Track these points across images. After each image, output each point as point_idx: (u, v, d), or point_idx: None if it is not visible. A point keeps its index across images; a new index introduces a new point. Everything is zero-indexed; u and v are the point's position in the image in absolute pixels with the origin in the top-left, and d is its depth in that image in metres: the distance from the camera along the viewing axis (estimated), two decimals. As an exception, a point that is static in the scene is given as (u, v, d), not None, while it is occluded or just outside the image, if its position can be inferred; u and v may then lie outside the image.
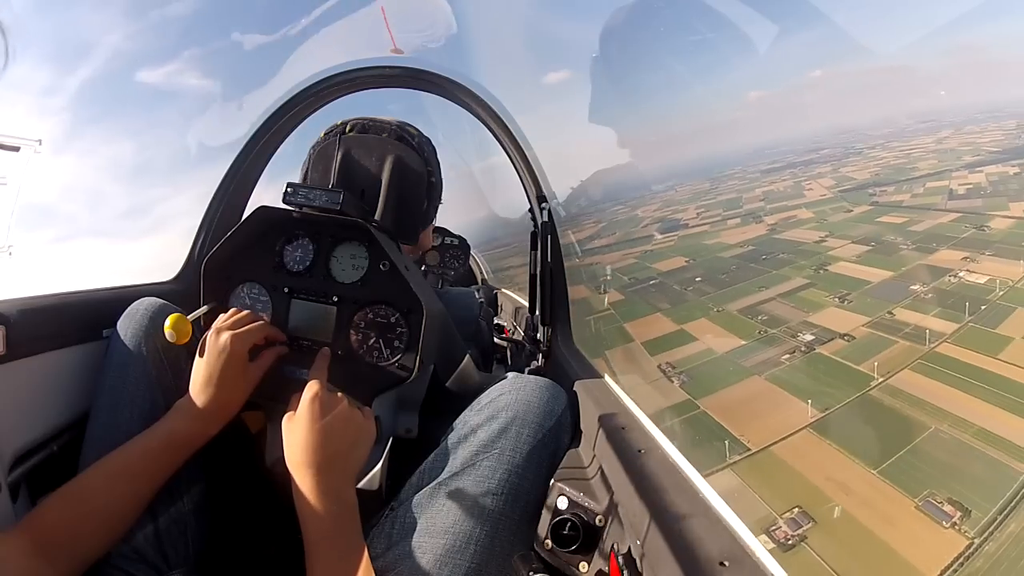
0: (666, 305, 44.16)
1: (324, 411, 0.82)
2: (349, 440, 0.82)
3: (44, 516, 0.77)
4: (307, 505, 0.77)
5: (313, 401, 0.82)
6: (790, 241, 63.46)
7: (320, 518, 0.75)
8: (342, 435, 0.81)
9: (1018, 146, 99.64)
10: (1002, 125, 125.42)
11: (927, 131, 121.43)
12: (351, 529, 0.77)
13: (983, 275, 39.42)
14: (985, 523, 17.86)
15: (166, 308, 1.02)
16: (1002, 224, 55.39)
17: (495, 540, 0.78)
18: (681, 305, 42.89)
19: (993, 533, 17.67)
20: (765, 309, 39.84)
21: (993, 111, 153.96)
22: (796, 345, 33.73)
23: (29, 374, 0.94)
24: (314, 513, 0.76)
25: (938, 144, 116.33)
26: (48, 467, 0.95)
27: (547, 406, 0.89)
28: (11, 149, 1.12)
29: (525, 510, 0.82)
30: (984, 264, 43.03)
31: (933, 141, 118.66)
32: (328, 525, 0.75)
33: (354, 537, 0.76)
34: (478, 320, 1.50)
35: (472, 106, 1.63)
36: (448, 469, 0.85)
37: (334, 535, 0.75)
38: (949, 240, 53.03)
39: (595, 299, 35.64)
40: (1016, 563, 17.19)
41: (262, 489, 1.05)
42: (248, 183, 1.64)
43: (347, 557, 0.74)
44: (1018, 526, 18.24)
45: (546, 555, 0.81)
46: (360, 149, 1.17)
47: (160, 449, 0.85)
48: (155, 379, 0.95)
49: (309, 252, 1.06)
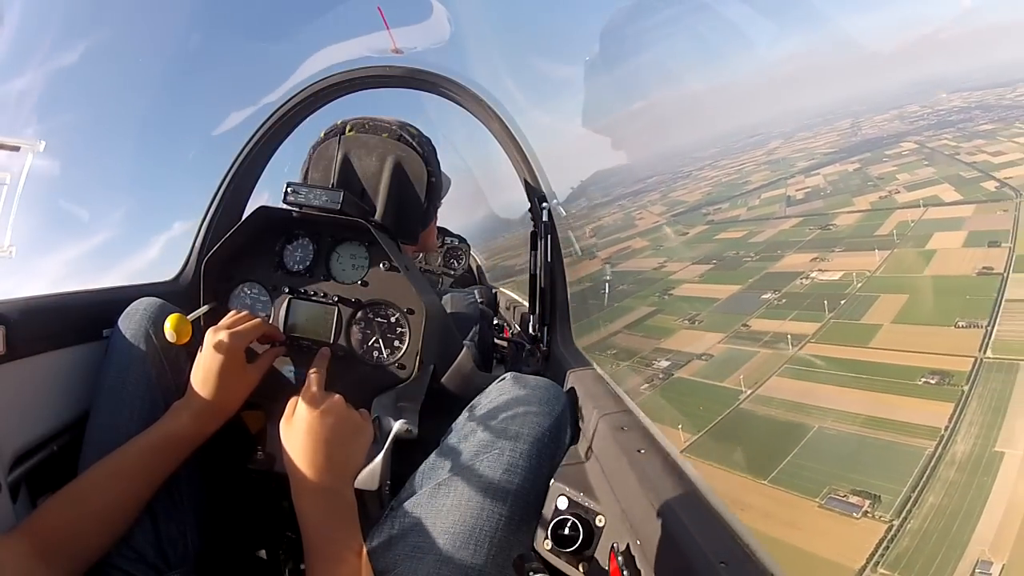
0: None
1: (322, 412, 0.82)
2: (346, 440, 0.83)
3: (43, 518, 0.77)
4: (305, 506, 0.77)
5: (311, 402, 0.83)
6: (628, 272, 62.63)
7: (318, 519, 0.75)
8: (340, 436, 0.82)
9: (854, 143, 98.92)
10: (836, 126, 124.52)
11: (756, 145, 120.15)
12: (349, 530, 0.77)
13: (836, 271, 38.91)
14: (900, 503, 17.69)
15: (166, 308, 1.02)
16: (848, 220, 54.97)
17: (495, 540, 0.78)
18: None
19: (912, 511, 17.54)
20: (613, 343, 38.99)
21: (824, 114, 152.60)
22: (653, 374, 33.27)
23: (29, 374, 0.94)
24: (312, 514, 0.76)
25: (769, 156, 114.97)
26: (48, 467, 0.95)
27: (547, 406, 0.89)
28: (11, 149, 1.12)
29: (525, 510, 0.82)
30: (836, 261, 42.50)
31: (764, 153, 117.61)
32: (326, 526, 0.75)
33: (353, 538, 0.76)
34: (478, 320, 1.50)
35: (472, 106, 1.63)
36: (448, 469, 0.85)
37: (332, 536, 0.75)
38: (794, 245, 52.49)
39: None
40: (946, 533, 16.96)
41: (262, 489, 1.05)
42: (248, 183, 1.64)
43: (346, 558, 0.74)
44: (937, 497, 18.08)
45: (546, 555, 0.80)
46: (360, 149, 1.17)
47: (158, 448, 0.85)
48: (155, 379, 0.95)
49: (309, 252, 1.06)
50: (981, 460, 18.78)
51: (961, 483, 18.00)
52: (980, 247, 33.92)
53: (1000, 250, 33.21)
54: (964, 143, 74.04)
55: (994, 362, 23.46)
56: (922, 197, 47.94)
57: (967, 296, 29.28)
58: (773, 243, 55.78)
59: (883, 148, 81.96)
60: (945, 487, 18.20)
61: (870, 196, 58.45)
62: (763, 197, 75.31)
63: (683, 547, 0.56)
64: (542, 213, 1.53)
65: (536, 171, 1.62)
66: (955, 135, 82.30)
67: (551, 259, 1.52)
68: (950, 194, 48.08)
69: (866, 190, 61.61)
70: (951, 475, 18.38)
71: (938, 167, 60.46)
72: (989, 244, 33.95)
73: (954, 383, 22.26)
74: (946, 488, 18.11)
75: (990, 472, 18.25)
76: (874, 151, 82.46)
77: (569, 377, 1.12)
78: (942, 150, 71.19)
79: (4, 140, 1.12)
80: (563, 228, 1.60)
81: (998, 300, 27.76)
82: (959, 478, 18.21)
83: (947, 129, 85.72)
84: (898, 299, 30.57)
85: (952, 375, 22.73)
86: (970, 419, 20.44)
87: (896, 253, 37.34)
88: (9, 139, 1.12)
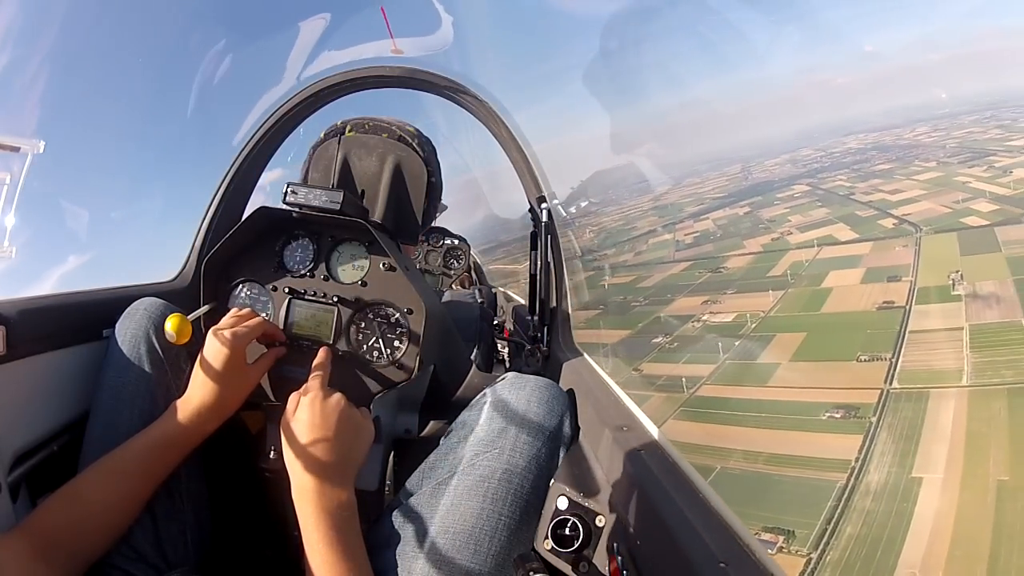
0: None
1: (323, 410, 0.82)
2: (347, 439, 0.83)
3: (43, 518, 0.77)
4: (305, 504, 0.77)
5: (312, 401, 0.82)
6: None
7: (318, 518, 0.75)
8: (341, 434, 0.82)
9: (744, 187, 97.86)
10: (725, 172, 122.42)
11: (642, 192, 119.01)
12: (349, 529, 0.77)
13: (729, 313, 38.11)
14: (816, 536, 17.29)
15: (166, 308, 1.02)
16: (740, 262, 54.11)
17: (495, 540, 0.78)
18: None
19: (830, 542, 17.19)
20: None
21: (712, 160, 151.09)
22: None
23: (29, 374, 0.94)
24: (312, 513, 0.76)
25: (655, 202, 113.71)
26: (48, 467, 0.95)
27: (547, 406, 0.89)
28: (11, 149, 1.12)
29: (525, 510, 0.82)
30: (729, 303, 41.26)
31: (649, 200, 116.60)
32: (326, 525, 0.75)
33: (352, 537, 0.76)
34: (478, 320, 1.50)
35: (472, 106, 1.63)
36: (448, 469, 0.85)
37: (332, 535, 0.75)
38: (684, 288, 51.49)
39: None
40: (870, 560, 16.79)
41: (262, 489, 1.05)
42: (248, 183, 1.64)
43: (346, 557, 0.74)
44: (855, 527, 17.76)
45: (546, 555, 0.80)
46: (360, 150, 1.17)
47: (157, 447, 0.85)
48: (155, 379, 0.95)
49: (309, 252, 1.06)
50: (899, 487, 18.59)
51: (879, 511, 17.75)
52: (879, 283, 33.45)
53: (900, 284, 32.89)
54: (860, 183, 73.31)
55: (902, 392, 23.24)
56: (816, 237, 47.21)
57: (868, 330, 28.80)
58: (663, 287, 54.69)
59: (775, 191, 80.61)
60: (863, 516, 17.94)
61: (762, 239, 57.77)
62: (650, 243, 73.72)
63: (683, 547, 0.56)
64: (542, 213, 1.53)
65: (536, 171, 1.62)
66: (850, 176, 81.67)
67: (551, 259, 1.52)
68: (846, 233, 47.60)
69: (758, 232, 61.00)
70: (867, 504, 18.09)
71: (832, 208, 59.55)
72: (888, 279, 33.55)
73: (860, 415, 21.92)
74: (864, 517, 17.88)
75: (909, 498, 18.07)
76: (765, 194, 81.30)
77: (569, 377, 1.12)
78: (836, 191, 70.46)
79: (4, 140, 1.11)
80: (563, 228, 1.60)
81: (901, 332, 27.51)
82: (876, 507, 17.95)
83: (841, 171, 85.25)
84: (795, 338, 29.98)
85: (858, 408, 22.38)
86: (881, 449, 20.18)
87: (791, 293, 36.44)
88: (9, 139, 1.12)
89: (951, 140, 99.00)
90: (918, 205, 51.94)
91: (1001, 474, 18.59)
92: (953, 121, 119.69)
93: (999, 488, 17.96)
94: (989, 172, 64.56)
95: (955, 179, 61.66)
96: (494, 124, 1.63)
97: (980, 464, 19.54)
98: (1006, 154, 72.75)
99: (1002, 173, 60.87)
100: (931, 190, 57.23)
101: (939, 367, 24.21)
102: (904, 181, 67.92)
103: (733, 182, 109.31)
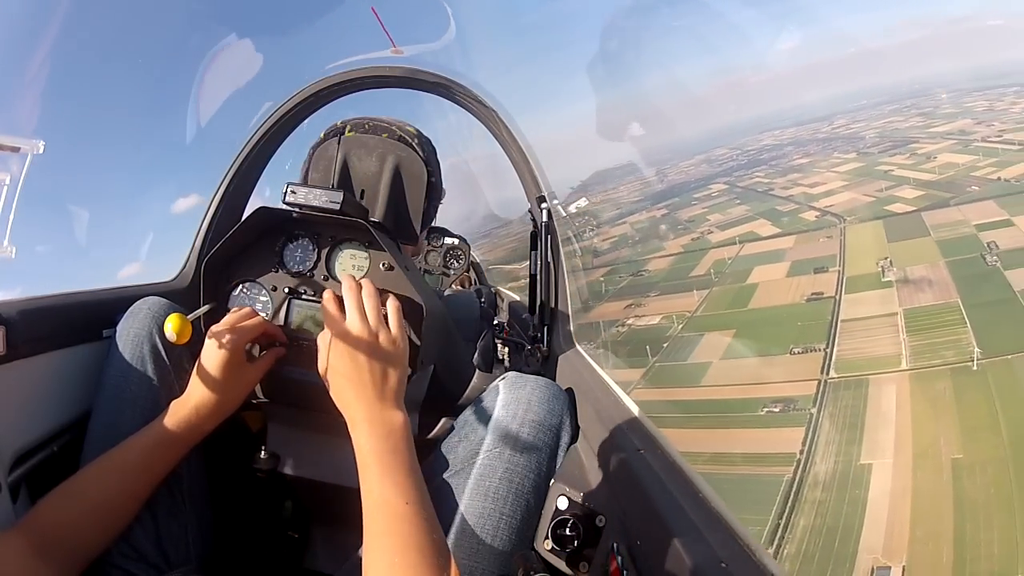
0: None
1: (348, 348, 0.81)
2: (378, 371, 0.81)
3: (42, 515, 0.77)
4: (357, 436, 0.76)
5: (334, 342, 0.81)
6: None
7: (369, 446, 0.74)
8: (371, 365, 0.80)
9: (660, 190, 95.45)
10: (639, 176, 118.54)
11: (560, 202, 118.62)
12: (403, 450, 0.75)
13: (654, 316, 36.85)
14: (769, 531, 16.92)
15: (169, 308, 1.02)
16: (661, 264, 52.98)
17: (495, 540, 0.78)
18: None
19: (785, 536, 16.87)
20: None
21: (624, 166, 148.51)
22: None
23: (29, 374, 0.94)
24: (364, 444, 0.75)
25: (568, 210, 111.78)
26: (48, 467, 0.95)
27: (547, 406, 0.89)
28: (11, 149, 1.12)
29: (525, 510, 0.82)
30: (652, 305, 40.13)
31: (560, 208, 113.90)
32: (379, 449, 0.74)
33: (405, 457, 0.75)
34: (478, 320, 1.50)
35: (472, 106, 1.64)
36: (448, 469, 0.85)
37: (386, 458, 0.74)
38: (603, 295, 48.23)
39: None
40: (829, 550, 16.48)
41: (264, 489, 1.05)
42: (248, 183, 1.64)
43: (399, 474, 0.72)
44: (809, 519, 17.34)
45: (546, 555, 0.81)
46: (360, 150, 1.17)
47: (156, 445, 0.85)
48: (157, 379, 0.95)
49: (309, 252, 1.06)
50: (848, 475, 18.31)
51: (831, 501, 17.42)
52: (806, 275, 32.46)
53: (828, 275, 32.09)
54: (778, 178, 71.16)
55: (840, 381, 22.76)
56: (737, 234, 45.68)
57: (799, 323, 28.20)
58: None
59: (691, 192, 78.37)
60: (815, 507, 17.61)
61: (681, 239, 56.29)
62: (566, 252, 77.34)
63: (683, 547, 0.56)
64: (542, 213, 1.53)
65: (536, 171, 1.62)
66: (768, 172, 79.03)
67: (551, 259, 1.52)
68: (767, 228, 46.18)
69: (677, 233, 59.78)
70: (818, 495, 17.74)
71: (752, 204, 57.86)
72: (815, 271, 32.64)
73: (800, 407, 21.47)
74: (816, 508, 17.55)
75: (861, 484, 17.83)
76: (682, 195, 79.37)
77: (569, 377, 1.12)
78: (755, 187, 68.43)
79: (4, 140, 1.11)
80: (563, 228, 1.60)
81: (833, 322, 26.93)
82: (828, 496, 17.62)
83: (759, 167, 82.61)
84: (724, 335, 29.37)
85: (797, 400, 21.94)
86: (826, 439, 19.81)
87: (716, 291, 35.47)
88: (9, 139, 1.12)
89: (871, 131, 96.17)
90: (840, 196, 50.68)
91: (954, 452, 18.35)
92: (872, 112, 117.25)
93: (954, 466, 17.79)
94: (912, 159, 63.02)
95: (877, 168, 60.56)
96: (494, 124, 1.63)
97: (931, 445, 19.24)
98: (929, 141, 70.94)
99: (926, 159, 59.41)
100: (853, 180, 56.19)
101: (876, 353, 23.83)
102: (825, 173, 66.37)
103: (648, 186, 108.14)
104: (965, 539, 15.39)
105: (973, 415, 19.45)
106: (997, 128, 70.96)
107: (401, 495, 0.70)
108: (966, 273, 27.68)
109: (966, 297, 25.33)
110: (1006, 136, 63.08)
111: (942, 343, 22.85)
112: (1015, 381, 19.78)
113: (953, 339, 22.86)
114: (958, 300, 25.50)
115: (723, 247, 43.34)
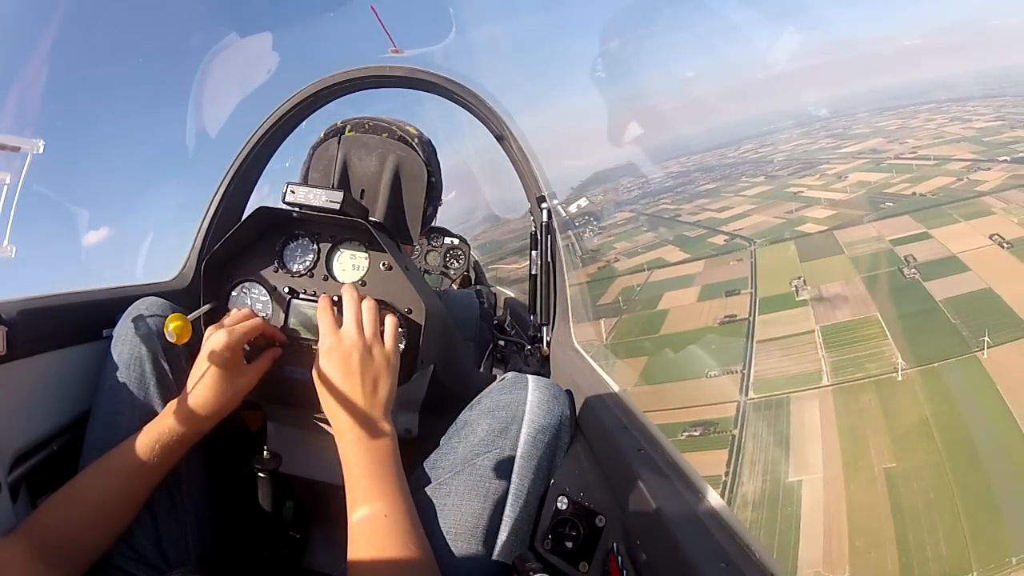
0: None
1: (341, 357, 0.82)
2: (368, 382, 0.83)
3: (42, 519, 0.77)
4: (344, 445, 0.78)
5: (329, 350, 0.83)
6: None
7: (357, 455, 0.76)
8: (363, 377, 0.82)
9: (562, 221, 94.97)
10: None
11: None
12: (388, 460, 0.78)
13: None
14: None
15: (166, 308, 1.02)
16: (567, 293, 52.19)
17: (495, 540, 0.78)
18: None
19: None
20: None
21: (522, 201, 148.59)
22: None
23: (29, 374, 0.94)
24: (350, 452, 0.77)
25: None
26: (48, 467, 0.95)
27: (547, 406, 0.89)
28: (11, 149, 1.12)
29: (525, 510, 0.82)
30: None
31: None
32: (367, 459, 0.76)
33: (391, 467, 0.77)
34: (478, 320, 1.50)
35: (472, 106, 1.64)
36: (448, 469, 0.85)
37: (373, 468, 0.76)
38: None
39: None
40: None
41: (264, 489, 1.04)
42: (248, 183, 1.64)
43: (385, 483, 0.74)
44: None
45: (546, 555, 0.81)
46: (360, 150, 1.17)
47: (154, 446, 0.85)
48: (156, 379, 0.95)
49: (309, 252, 1.06)
50: (778, 493, 17.96)
51: (763, 519, 17.17)
52: (717, 298, 31.74)
53: (741, 297, 31.49)
54: (685, 204, 69.70)
55: (760, 401, 22.51)
56: (645, 261, 44.34)
57: (713, 346, 27.68)
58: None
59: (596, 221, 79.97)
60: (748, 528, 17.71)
61: (588, 268, 56.17)
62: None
63: (683, 547, 0.56)
64: (542, 213, 1.53)
65: (536, 171, 1.62)
66: (674, 198, 77.57)
67: (551, 259, 1.52)
68: (675, 254, 44.99)
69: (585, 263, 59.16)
70: (749, 515, 17.41)
71: (658, 231, 56.83)
72: (727, 294, 31.88)
73: (721, 429, 21.08)
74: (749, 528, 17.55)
75: (792, 501, 17.52)
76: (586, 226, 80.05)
77: (569, 377, 1.12)
78: (661, 214, 67.19)
79: (4, 140, 1.11)
80: (563, 228, 1.60)
81: (748, 343, 26.62)
82: (759, 515, 17.34)
83: (665, 195, 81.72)
84: (637, 362, 28.42)
85: (717, 423, 21.49)
86: (751, 459, 19.45)
87: (625, 319, 34.11)
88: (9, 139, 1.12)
89: (779, 154, 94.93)
90: (749, 219, 49.46)
91: (886, 462, 18.24)
92: (780, 136, 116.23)
93: (888, 475, 17.72)
94: (822, 180, 62.52)
95: (787, 190, 59.61)
96: (494, 124, 1.63)
97: (861, 456, 19.06)
98: (839, 161, 70.90)
99: (836, 179, 58.80)
100: (761, 203, 55.14)
101: (796, 371, 23.45)
102: (732, 198, 64.87)
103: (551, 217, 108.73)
104: (909, 544, 15.37)
105: (902, 424, 19.46)
106: (911, 145, 70.82)
107: (385, 507, 0.72)
108: (884, 287, 27.71)
109: (885, 311, 25.26)
110: (920, 152, 62.80)
111: (864, 356, 22.73)
112: (944, 388, 19.74)
113: (875, 352, 22.75)
114: (877, 314, 25.36)
115: (631, 274, 42.52)
